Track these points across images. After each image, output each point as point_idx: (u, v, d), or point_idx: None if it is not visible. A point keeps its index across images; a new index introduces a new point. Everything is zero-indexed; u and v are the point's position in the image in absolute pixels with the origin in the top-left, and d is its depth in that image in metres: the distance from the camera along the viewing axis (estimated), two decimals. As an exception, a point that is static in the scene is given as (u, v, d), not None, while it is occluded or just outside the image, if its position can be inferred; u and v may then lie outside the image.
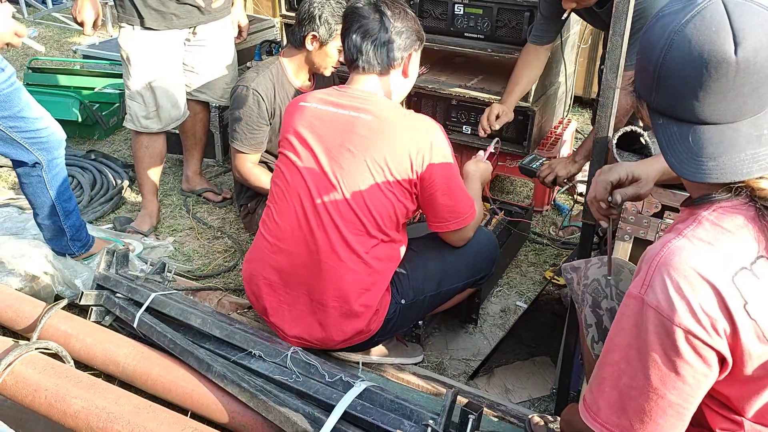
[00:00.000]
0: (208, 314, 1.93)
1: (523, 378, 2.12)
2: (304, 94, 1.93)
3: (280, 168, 1.87)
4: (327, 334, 1.84)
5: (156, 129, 2.75)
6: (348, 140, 1.76)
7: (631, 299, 0.99)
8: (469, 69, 3.16)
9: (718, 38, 0.91)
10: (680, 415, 0.98)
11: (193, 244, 2.82)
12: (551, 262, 2.74)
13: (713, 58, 0.91)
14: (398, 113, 1.79)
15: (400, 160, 1.74)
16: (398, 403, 1.58)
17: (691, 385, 0.96)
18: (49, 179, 2.29)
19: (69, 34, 5.78)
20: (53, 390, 1.63)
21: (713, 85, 0.92)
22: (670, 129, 0.98)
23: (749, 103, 0.93)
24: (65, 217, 2.39)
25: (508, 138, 2.90)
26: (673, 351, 0.94)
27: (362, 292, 1.80)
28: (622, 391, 1.01)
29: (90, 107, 3.64)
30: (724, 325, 0.92)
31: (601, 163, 1.53)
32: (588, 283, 1.47)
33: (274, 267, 1.87)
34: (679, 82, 0.94)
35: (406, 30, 1.82)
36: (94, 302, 2.07)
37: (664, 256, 0.96)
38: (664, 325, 0.94)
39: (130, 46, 2.62)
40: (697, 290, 0.92)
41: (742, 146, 0.93)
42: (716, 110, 0.93)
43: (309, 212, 1.79)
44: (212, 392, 1.69)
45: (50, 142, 2.25)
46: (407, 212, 1.83)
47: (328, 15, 2.45)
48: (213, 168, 3.48)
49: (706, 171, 0.95)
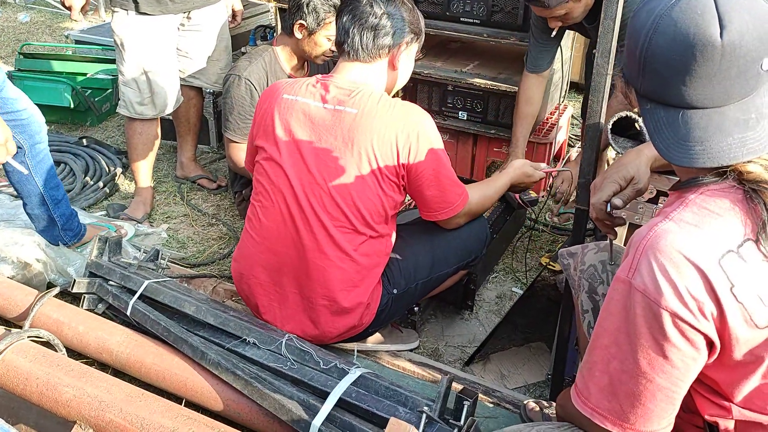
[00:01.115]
0: (202, 302, 1.92)
1: (518, 364, 2.12)
2: (284, 82, 1.86)
3: (262, 164, 1.81)
4: (320, 330, 1.83)
5: (150, 115, 2.72)
6: (333, 135, 1.71)
7: (619, 283, 0.98)
8: (465, 54, 3.13)
9: (703, 21, 0.90)
10: (670, 399, 0.98)
11: (187, 231, 2.80)
12: (547, 248, 2.73)
13: (698, 42, 0.90)
14: (384, 104, 1.71)
15: (387, 152, 1.69)
16: (393, 390, 1.57)
17: (679, 369, 0.96)
18: (33, 165, 2.27)
19: (61, 19, 5.71)
20: (45, 379, 1.61)
21: (699, 69, 0.91)
22: (657, 114, 0.97)
23: (736, 87, 0.92)
24: (54, 205, 2.36)
25: (504, 123, 2.88)
26: (660, 335, 0.94)
27: (351, 289, 1.78)
28: (612, 375, 1.00)
29: (82, 93, 3.61)
30: (711, 308, 0.92)
31: (594, 149, 1.52)
32: (585, 268, 1.46)
33: (262, 266, 1.84)
34: (665, 67, 0.93)
35: (398, 19, 1.76)
36: (86, 290, 2.05)
37: (650, 239, 0.96)
38: (651, 308, 0.94)
39: (124, 32, 2.58)
40: (683, 273, 0.92)
41: (729, 130, 0.93)
42: (703, 94, 0.93)
43: (294, 210, 1.75)
44: (206, 380, 1.68)
45: (31, 124, 2.23)
46: (396, 204, 1.80)
47: (316, 3, 2.40)
48: (207, 155, 3.46)
49: (693, 155, 0.94)
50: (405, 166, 1.72)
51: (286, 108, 1.77)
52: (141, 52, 2.61)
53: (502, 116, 2.87)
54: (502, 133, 2.87)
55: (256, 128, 1.85)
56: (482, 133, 2.92)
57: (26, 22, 5.65)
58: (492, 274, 2.55)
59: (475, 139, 3.01)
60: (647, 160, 1.39)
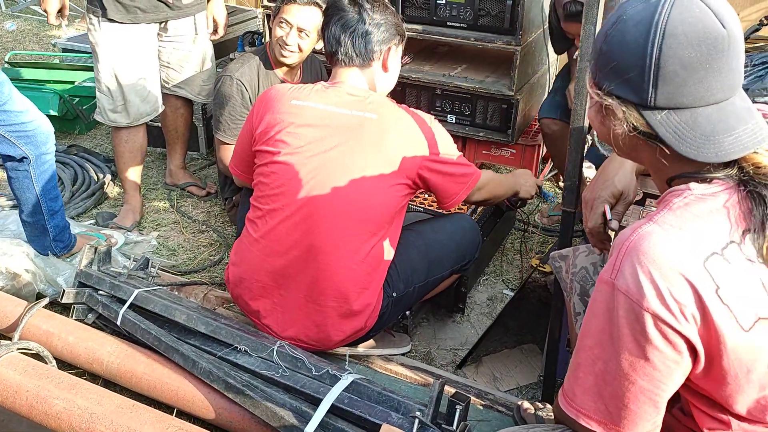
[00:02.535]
0: (193, 310, 1.91)
1: (510, 366, 2.13)
2: (287, 88, 1.88)
3: (268, 168, 1.82)
4: (324, 334, 1.83)
5: (124, 123, 2.70)
6: (355, 139, 1.75)
7: (603, 284, 0.99)
8: (453, 58, 3.14)
9: (706, 17, 0.93)
10: (653, 402, 0.98)
11: (177, 239, 2.79)
12: (537, 249, 2.74)
13: (710, 35, 0.93)
14: (400, 110, 1.82)
15: (409, 153, 1.76)
16: (386, 395, 1.57)
17: (661, 371, 0.96)
18: (36, 175, 2.27)
19: (48, 27, 5.69)
20: (34, 391, 1.60)
21: (714, 62, 0.93)
22: (672, 121, 0.96)
23: (738, 77, 0.96)
24: (50, 216, 2.35)
25: (492, 126, 2.89)
26: (642, 337, 0.94)
27: (361, 291, 1.79)
28: (597, 375, 1.01)
29: (70, 101, 3.59)
30: (692, 310, 0.92)
31: (579, 152, 1.53)
32: (576, 271, 1.46)
33: (266, 269, 1.83)
34: (681, 67, 0.93)
35: (385, 23, 1.83)
36: (75, 300, 2.04)
37: (633, 241, 0.96)
38: (633, 310, 0.94)
39: (97, 38, 2.58)
40: (665, 275, 0.92)
41: (744, 117, 0.96)
42: (717, 87, 0.95)
43: (307, 213, 1.76)
44: (198, 389, 1.67)
45: (37, 135, 2.23)
46: (403, 205, 1.84)
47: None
48: (197, 161, 3.45)
49: (727, 147, 0.95)
50: (423, 168, 1.79)
51: (296, 113, 1.80)
52: (113, 60, 2.60)
53: (490, 119, 2.87)
54: (491, 136, 2.88)
55: (257, 134, 1.86)
56: (471, 135, 2.93)
57: (13, 31, 5.63)
58: (483, 277, 2.56)
59: (464, 142, 3.02)
60: (632, 168, 1.39)
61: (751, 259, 0.95)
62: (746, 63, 2.08)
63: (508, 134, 2.85)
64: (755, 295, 0.94)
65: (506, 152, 3.00)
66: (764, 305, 0.94)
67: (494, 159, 3.04)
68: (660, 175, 1.06)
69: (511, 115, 2.81)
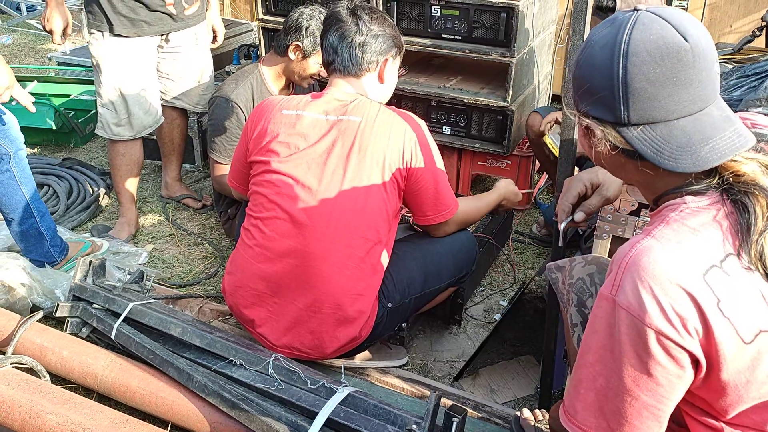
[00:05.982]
0: (188, 323, 1.90)
1: (507, 378, 2.12)
2: (278, 99, 1.90)
3: (263, 177, 1.83)
4: (319, 342, 1.82)
5: (128, 136, 2.71)
6: (339, 144, 1.76)
7: (603, 300, 0.99)
8: (448, 70, 3.16)
9: (667, 33, 0.96)
10: (656, 417, 0.98)
11: (173, 251, 2.78)
12: (533, 260, 2.74)
13: (672, 50, 0.95)
14: (385, 112, 1.81)
15: (395, 157, 1.77)
16: (382, 408, 1.56)
17: (664, 386, 0.96)
18: (18, 173, 2.27)
19: (44, 41, 5.70)
20: (27, 406, 1.59)
21: (679, 75, 0.95)
22: (648, 135, 0.98)
23: (709, 88, 0.97)
24: (40, 217, 2.35)
25: (487, 138, 2.90)
26: (645, 352, 0.94)
27: (356, 297, 1.79)
28: (599, 392, 1.00)
29: (66, 115, 3.59)
30: (695, 324, 0.92)
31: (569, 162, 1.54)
32: (573, 282, 1.46)
33: (261, 277, 1.83)
34: (648, 83, 0.95)
35: (382, 34, 1.85)
36: (70, 314, 2.02)
37: (633, 256, 0.96)
38: (635, 326, 0.94)
39: (100, 53, 2.58)
40: (666, 290, 0.92)
41: (722, 126, 0.97)
42: (688, 100, 0.96)
43: (301, 219, 1.76)
44: (193, 403, 1.66)
45: (11, 129, 2.25)
46: (396, 211, 1.84)
47: (314, 28, 2.44)
48: (193, 174, 3.45)
49: (704, 156, 0.95)
50: (408, 170, 1.79)
51: (287, 122, 1.81)
52: (117, 74, 2.60)
53: (486, 130, 2.89)
54: (486, 147, 2.89)
55: (251, 145, 1.87)
56: (466, 147, 2.94)
57: (9, 45, 5.63)
58: (479, 288, 2.56)
59: (460, 154, 3.02)
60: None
61: (750, 267, 0.95)
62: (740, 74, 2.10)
63: (504, 145, 2.86)
64: (756, 307, 0.94)
65: (501, 163, 3.01)
66: (766, 318, 0.94)
67: (489, 170, 3.05)
68: (648, 193, 1.07)
69: (506, 126, 2.82)
